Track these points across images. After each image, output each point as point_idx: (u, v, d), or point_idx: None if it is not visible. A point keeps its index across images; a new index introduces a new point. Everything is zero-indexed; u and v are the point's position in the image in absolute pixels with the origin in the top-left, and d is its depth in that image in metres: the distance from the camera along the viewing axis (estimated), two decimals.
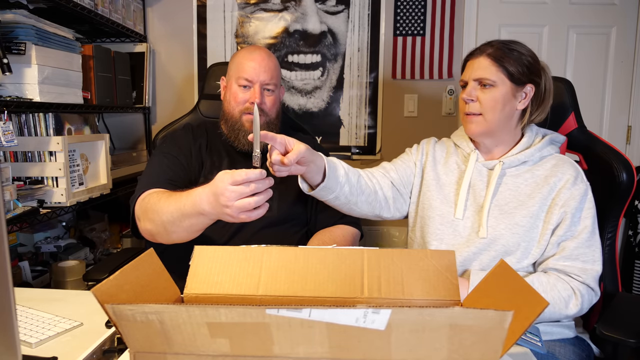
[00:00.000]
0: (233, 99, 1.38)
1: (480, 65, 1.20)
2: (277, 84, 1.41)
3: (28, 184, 1.68)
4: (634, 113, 2.51)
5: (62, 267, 1.95)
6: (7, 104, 1.53)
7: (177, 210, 1.10)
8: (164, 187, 1.25)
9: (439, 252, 0.76)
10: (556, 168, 1.20)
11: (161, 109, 2.61)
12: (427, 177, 1.32)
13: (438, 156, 1.35)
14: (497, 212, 1.20)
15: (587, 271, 1.13)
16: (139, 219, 1.23)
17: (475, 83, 1.21)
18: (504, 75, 1.18)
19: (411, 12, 2.46)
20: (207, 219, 1.08)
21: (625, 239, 2.47)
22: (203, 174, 1.38)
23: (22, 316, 1.03)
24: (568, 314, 1.12)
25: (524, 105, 1.22)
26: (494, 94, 1.18)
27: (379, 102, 2.52)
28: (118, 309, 0.60)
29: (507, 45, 1.20)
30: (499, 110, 1.19)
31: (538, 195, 1.18)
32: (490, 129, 1.21)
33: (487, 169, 1.25)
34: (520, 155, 1.22)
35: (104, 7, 2.07)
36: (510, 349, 0.62)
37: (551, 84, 1.25)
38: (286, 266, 0.75)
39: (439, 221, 1.26)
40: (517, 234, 1.17)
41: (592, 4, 2.45)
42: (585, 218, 1.16)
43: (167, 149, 1.40)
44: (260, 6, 2.50)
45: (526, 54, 1.21)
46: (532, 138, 1.25)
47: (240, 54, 1.42)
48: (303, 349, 0.61)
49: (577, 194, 1.16)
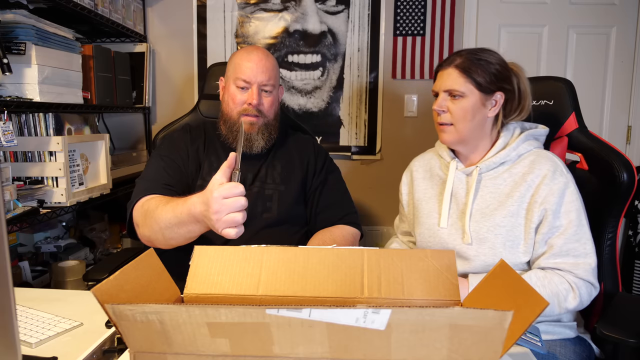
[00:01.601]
0: (231, 101, 1.38)
1: (450, 76, 1.22)
2: (275, 84, 1.41)
3: (28, 184, 1.68)
4: (634, 113, 2.51)
5: (62, 267, 1.95)
6: (7, 104, 1.53)
7: (174, 218, 1.10)
8: (161, 192, 1.26)
9: (439, 252, 0.75)
10: (533, 164, 1.20)
11: (161, 109, 2.61)
12: (416, 199, 1.38)
13: (420, 176, 1.39)
14: (479, 216, 1.21)
15: (579, 265, 1.13)
16: (138, 225, 1.24)
17: (445, 94, 1.23)
18: (472, 86, 1.20)
19: (411, 12, 2.46)
20: (203, 227, 1.07)
21: (625, 239, 2.47)
22: (201, 176, 1.38)
23: (22, 316, 1.03)
24: (568, 307, 1.12)
25: (495, 112, 1.24)
26: (463, 104, 1.21)
27: (379, 102, 2.52)
28: (118, 309, 0.60)
29: (474, 54, 1.22)
30: (469, 120, 1.21)
31: (516, 193, 1.19)
32: (462, 137, 1.24)
33: (466, 176, 1.28)
34: (496, 158, 1.23)
35: (104, 7, 2.07)
36: (510, 349, 0.62)
37: (526, 85, 1.26)
38: (286, 266, 0.75)
39: (427, 233, 1.30)
40: (501, 235, 1.18)
41: (592, 4, 2.45)
42: (569, 212, 1.15)
43: (164, 151, 1.41)
44: (260, 6, 2.50)
45: (494, 62, 1.22)
46: (507, 138, 1.26)
47: (238, 54, 1.42)
48: (303, 349, 0.61)
49: (556, 189, 1.16)
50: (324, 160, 1.50)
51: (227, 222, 0.94)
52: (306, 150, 1.49)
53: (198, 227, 1.08)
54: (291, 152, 1.47)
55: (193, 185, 1.36)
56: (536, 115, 1.45)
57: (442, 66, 1.24)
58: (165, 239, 1.16)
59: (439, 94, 1.25)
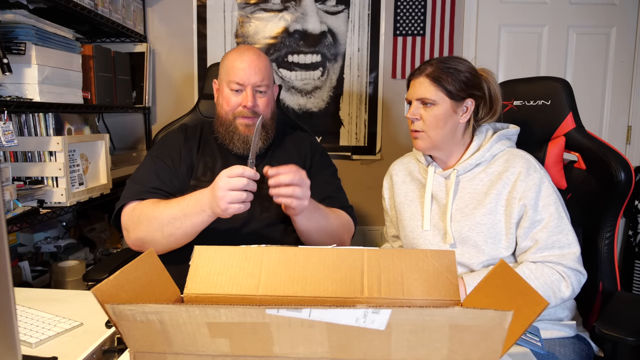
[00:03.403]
0: (226, 103, 1.38)
1: (421, 85, 1.25)
2: (269, 84, 1.40)
3: (28, 184, 1.68)
4: (634, 113, 2.51)
5: (62, 267, 1.95)
6: (7, 104, 1.53)
7: (179, 211, 1.16)
8: (151, 196, 1.27)
9: (439, 252, 0.76)
10: (508, 163, 1.24)
11: (161, 109, 2.61)
12: (397, 202, 1.42)
13: (400, 179, 1.43)
14: (460, 216, 1.25)
15: (565, 256, 1.17)
16: (128, 229, 1.24)
17: (418, 102, 1.27)
18: (443, 94, 1.24)
19: (411, 12, 2.46)
20: (206, 215, 1.14)
21: (625, 239, 2.47)
22: (194, 176, 1.37)
23: (22, 316, 1.03)
24: (563, 297, 1.15)
25: (466, 118, 1.28)
26: (435, 111, 1.24)
27: (379, 102, 2.52)
28: (118, 309, 0.60)
29: (444, 63, 1.25)
30: (441, 127, 1.25)
31: (493, 191, 1.23)
32: (435, 143, 1.28)
33: (444, 179, 1.31)
34: (472, 159, 1.27)
35: (104, 7, 2.07)
36: (510, 349, 0.62)
37: (497, 89, 1.31)
38: (286, 266, 0.75)
39: (412, 235, 1.34)
40: (482, 232, 1.21)
41: (592, 4, 2.45)
42: (547, 206, 1.19)
43: (156, 153, 1.41)
44: (260, 6, 2.50)
45: (464, 70, 1.25)
46: (481, 140, 1.30)
47: (230, 56, 1.40)
48: (303, 349, 0.61)
49: (532, 185, 1.19)
50: (319, 156, 1.49)
51: (230, 198, 1.05)
52: (303, 148, 1.49)
53: (202, 218, 1.14)
54: (289, 151, 1.47)
55: (185, 186, 1.35)
56: (533, 115, 1.46)
57: (414, 75, 1.28)
58: (165, 236, 1.18)
59: (412, 102, 1.28)
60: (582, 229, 1.35)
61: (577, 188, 1.39)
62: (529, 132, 1.42)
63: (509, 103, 1.50)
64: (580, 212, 1.35)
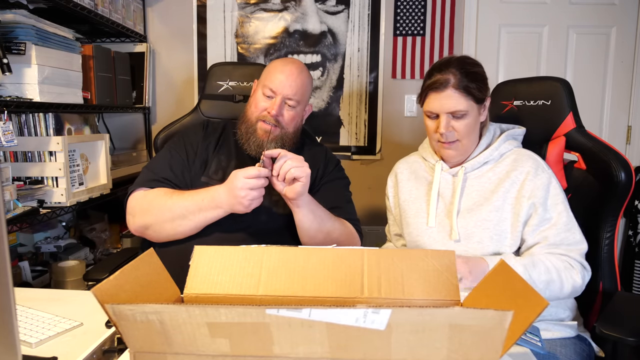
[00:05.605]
0: (254, 104, 1.40)
1: (450, 98, 1.20)
2: (301, 100, 1.40)
3: (28, 184, 1.68)
4: (634, 113, 2.51)
5: (62, 267, 1.95)
6: (7, 104, 1.53)
7: (194, 204, 1.23)
8: (160, 186, 1.31)
9: (439, 252, 0.75)
10: (516, 162, 1.25)
11: (161, 109, 2.61)
12: (401, 200, 1.41)
13: (405, 177, 1.42)
14: (466, 213, 1.26)
15: (572, 251, 1.19)
16: (134, 214, 1.28)
17: (448, 116, 1.22)
18: (472, 102, 1.23)
19: (411, 12, 2.46)
20: (221, 212, 1.22)
21: (625, 239, 2.47)
22: (206, 173, 1.38)
23: (22, 316, 1.03)
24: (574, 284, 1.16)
25: (485, 115, 1.29)
26: (467, 121, 1.24)
27: (379, 102, 2.52)
28: (118, 309, 0.60)
29: (465, 69, 1.21)
30: (472, 133, 1.27)
31: (501, 189, 1.23)
32: (468, 149, 1.28)
33: (451, 176, 1.31)
34: (480, 157, 1.28)
35: (104, 7, 2.07)
36: (510, 349, 0.62)
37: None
38: (286, 266, 0.75)
39: (416, 232, 1.34)
40: (488, 229, 1.22)
41: (592, 4, 2.45)
42: (557, 204, 1.20)
43: (174, 145, 1.43)
44: (260, 6, 2.50)
45: (481, 71, 1.25)
46: (489, 139, 1.31)
47: (275, 62, 1.43)
48: (303, 349, 0.61)
49: (541, 184, 1.21)
50: (333, 167, 1.49)
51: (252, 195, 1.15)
52: (318, 159, 1.48)
53: (216, 214, 1.22)
54: None
55: (196, 180, 1.36)
56: (534, 115, 1.46)
57: (437, 89, 1.21)
58: (174, 227, 1.25)
59: (439, 116, 1.24)
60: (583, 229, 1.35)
61: (577, 188, 1.39)
62: (529, 132, 1.42)
63: (509, 103, 1.50)
64: (580, 212, 1.35)
